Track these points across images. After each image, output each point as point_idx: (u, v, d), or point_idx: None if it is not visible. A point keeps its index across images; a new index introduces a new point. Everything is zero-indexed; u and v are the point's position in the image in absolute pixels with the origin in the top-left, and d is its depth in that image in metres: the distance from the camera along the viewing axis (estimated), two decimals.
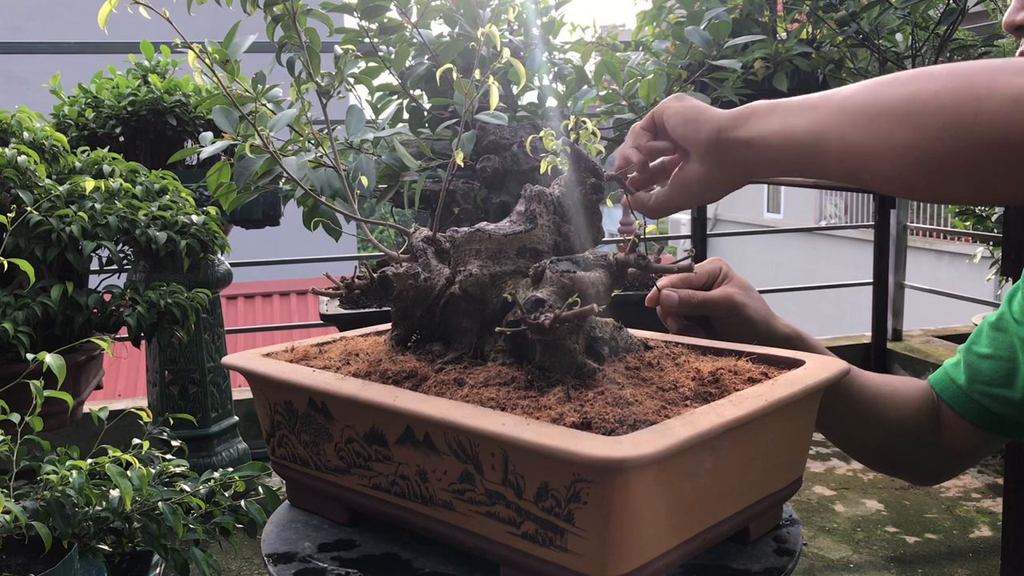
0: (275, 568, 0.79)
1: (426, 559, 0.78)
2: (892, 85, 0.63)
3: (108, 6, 0.86)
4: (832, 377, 0.78)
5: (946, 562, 2.32)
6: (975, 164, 0.58)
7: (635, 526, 0.63)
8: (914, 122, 0.61)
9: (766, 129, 0.71)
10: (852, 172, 0.66)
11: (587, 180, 0.83)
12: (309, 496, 0.89)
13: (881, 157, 0.63)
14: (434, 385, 0.76)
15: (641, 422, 0.66)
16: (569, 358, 0.74)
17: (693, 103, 0.79)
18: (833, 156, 0.66)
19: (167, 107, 2.18)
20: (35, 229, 1.54)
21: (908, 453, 1.00)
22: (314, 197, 0.90)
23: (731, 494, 0.73)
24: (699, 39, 1.69)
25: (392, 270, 0.82)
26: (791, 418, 0.77)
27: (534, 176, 1.48)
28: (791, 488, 0.82)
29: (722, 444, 0.68)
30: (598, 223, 0.84)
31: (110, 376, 5.95)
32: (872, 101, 0.63)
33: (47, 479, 1.31)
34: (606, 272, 0.78)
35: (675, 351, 0.86)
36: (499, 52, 0.86)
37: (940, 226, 7.75)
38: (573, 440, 0.61)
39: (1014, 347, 0.97)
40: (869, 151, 0.63)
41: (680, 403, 0.71)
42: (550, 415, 0.67)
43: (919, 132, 0.60)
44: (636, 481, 0.62)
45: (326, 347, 0.93)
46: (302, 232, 1.46)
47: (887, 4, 2.15)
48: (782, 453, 0.78)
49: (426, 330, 0.85)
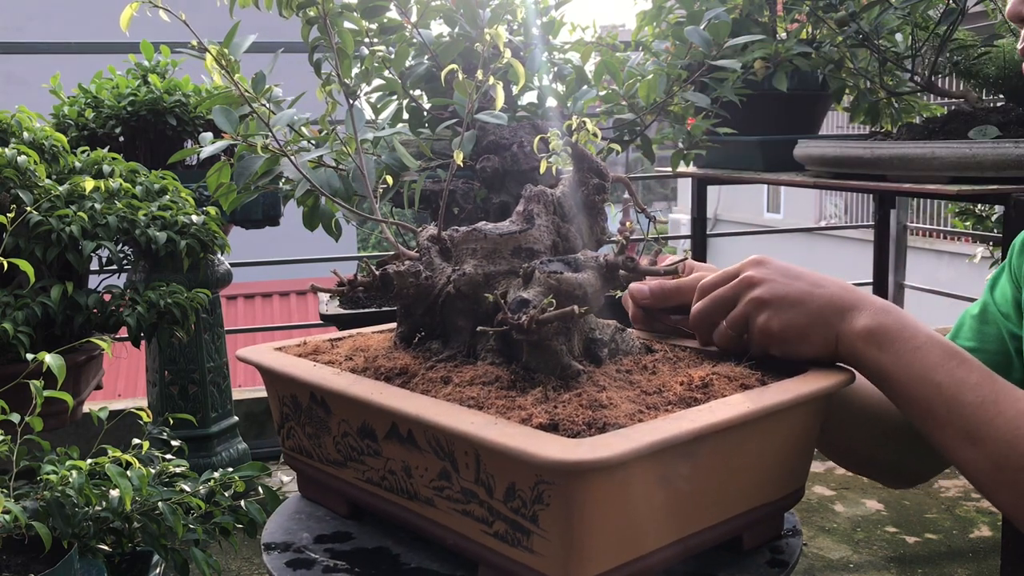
0: (268, 556, 0.81)
1: (415, 554, 0.79)
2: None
3: (130, 10, 0.88)
4: (830, 387, 0.76)
5: (946, 562, 2.32)
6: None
7: (600, 530, 0.62)
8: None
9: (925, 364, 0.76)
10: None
11: (590, 180, 0.83)
12: (314, 487, 0.91)
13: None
14: (421, 382, 0.77)
15: (610, 425, 0.65)
16: (554, 359, 0.74)
17: (791, 317, 0.79)
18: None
19: (167, 107, 2.18)
20: (35, 229, 1.54)
21: (894, 456, 0.97)
22: (336, 201, 0.90)
23: (716, 502, 0.72)
24: (699, 39, 1.69)
25: (393, 268, 0.82)
26: (786, 426, 0.75)
27: (534, 176, 1.48)
28: (791, 498, 0.80)
29: (699, 451, 0.67)
30: (602, 224, 0.84)
31: (110, 376, 5.94)
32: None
33: (47, 479, 1.31)
34: (595, 273, 0.77)
35: (678, 355, 0.85)
36: (500, 52, 0.86)
37: (940, 226, 7.74)
38: (533, 441, 0.61)
39: (1002, 339, 0.96)
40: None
41: (662, 407, 0.70)
42: (520, 415, 0.67)
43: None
44: (598, 484, 0.61)
45: (338, 343, 0.94)
46: (302, 232, 1.45)
47: (887, 4, 2.15)
48: (777, 462, 0.76)
49: (428, 328, 0.86)
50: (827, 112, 2.55)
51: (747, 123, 2.20)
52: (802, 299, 0.79)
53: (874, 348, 0.77)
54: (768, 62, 2.15)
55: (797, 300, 0.79)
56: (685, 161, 1.94)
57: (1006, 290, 0.97)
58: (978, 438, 0.74)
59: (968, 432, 0.74)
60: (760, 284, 0.80)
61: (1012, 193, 1.62)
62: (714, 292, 0.83)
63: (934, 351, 0.76)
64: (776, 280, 0.80)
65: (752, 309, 0.80)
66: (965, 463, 0.76)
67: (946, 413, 0.75)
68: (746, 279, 0.81)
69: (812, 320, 0.78)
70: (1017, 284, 0.96)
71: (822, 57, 2.25)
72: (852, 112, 2.44)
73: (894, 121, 2.41)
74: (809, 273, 0.82)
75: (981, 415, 0.73)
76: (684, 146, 1.87)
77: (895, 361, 0.76)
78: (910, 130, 2.01)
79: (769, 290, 0.79)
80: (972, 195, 1.72)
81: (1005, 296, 0.97)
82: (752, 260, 0.83)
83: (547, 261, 0.78)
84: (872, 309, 0.78)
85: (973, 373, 0.75)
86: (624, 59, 1.92)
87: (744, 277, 0.81)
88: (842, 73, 2.33)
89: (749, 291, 0.80)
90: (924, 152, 1.78)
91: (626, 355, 0.83)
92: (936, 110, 2.45)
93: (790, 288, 0.79)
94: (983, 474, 0.75)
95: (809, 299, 0.79)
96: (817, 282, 0.81)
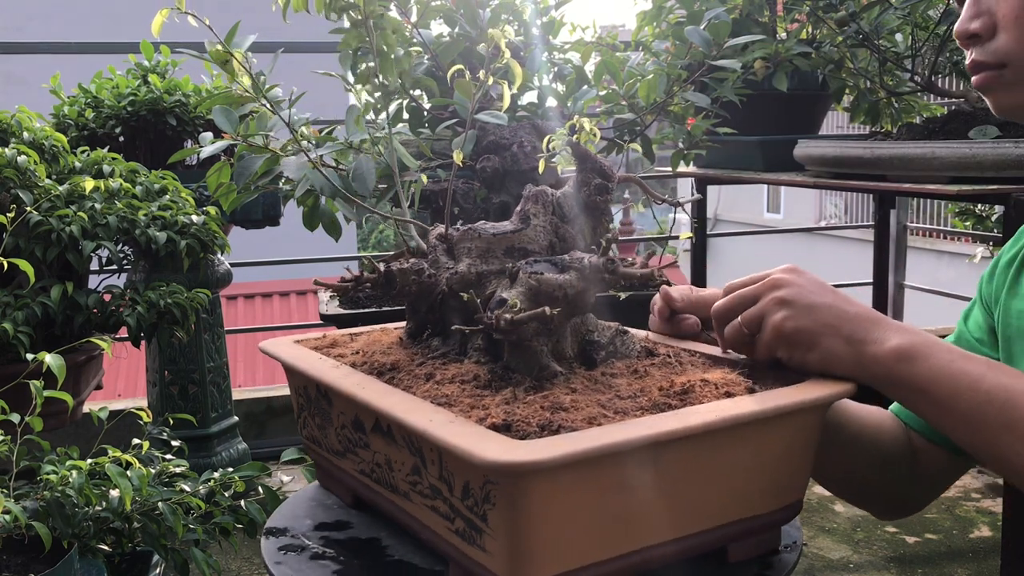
0: (265, 541, 0.83)
1: (402, 547, 0.80)
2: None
3: (160, 17, 0.89)
4: (822, 398, 0.73)
5: (946, 562, 2.32)
6: None
7: (546, 533, 0.62)
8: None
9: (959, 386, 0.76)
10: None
11: (592, 181, 0.83)
12: (324, 476, 0.94)
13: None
14: (406, 378, 0.78)
15: (564, 428, 0.64)
16: (533, 359, 0.74)
17: (822, 347, 0.78)
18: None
19: (167, 107, 2.18)
20: (35, 229, 1.54)
21: (890, 482, 0.97)
22: (364, 206, 0.90)
23: (692, 512, 0.70)
24: (699, 39, 1.69)
25: (397, 266, 0.83)
26: (775, 437, 0.73)
27: (534, 176, 1.48)
28: (785, 512, 0.77)
29: (661, 457, 0.65)
30: (606, 224, 0.83)
31: (110, 376, 5.94)
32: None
33: (47, 479, 1.31)
34: (578, 275, 0.76)
35: (680, 360, 0.83)
36: (500, 52, 0.86)
37: (940, 226, 7.74)
38: (477, 441, 0.61)
39: None
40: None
41: (631, 412, 0.68)
42: (480, 415, 0.67)
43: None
44: (542, 487, 0.60)
45: (356, 337, 0.96)
46: (302, 232, 1.45)
47: (887, 4, 2.15)
48: (765, 473, 0.73)
49: (432, 325, 0.87)
50: (827, 112, 2.55)
51: (747, 123, 2.20)
52: (824, 309, 0.78)
53: (908, 365, 0.76)
54: (768, 62, 2.15)
55: (818, 309, 0.78)
56: (685, 161, 1.94)
57: (979, 318, 0.98)
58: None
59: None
60: (785, 287, 0.80)
61: (1012, 193, 1.62)
62: (739, 291, 0.83)
63: (972, 362, 0.76)
64: (803, 287, 0.80)
65: (770, 307, 0.79)
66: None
67: (1003, 420, 0.73)
68: (773, 280, 0.81)
69: (825, 330, 0.78)
70: (988, 311, 0.96)
71: (822, 57, 2.25)
72: (852, 112, 2.44)
73: (894, 121, 2.41)
74: (841, 293, 0.81)
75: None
76: (684, 146, 1.87)
77: (935, 376, 0.76)
78: (910, 130, 2.01)
79: (793, 293, 0.79)
80: (972, 195, 1.72)
81: (978, 324, 0.98)
82: (785, 267, 0.83)
83: (533, 262, 0.78)
84: (898, 329, 0.78)
85: (1017, 378, 0.75)
86: (624, 59, 1.92)
87: (772, 279, 0.81)
88: (842, 73, 2.33)
89: (773, 291, 0.80)
90: (924, 152, 1.78)
91: (624, 358, 0.82)
92: (936, 110, 2.45)
93: (815, 297, 0.79)
94: None
95: (830, 311, 0.78)
96: (845, 299, 0.80)
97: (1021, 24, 0.83)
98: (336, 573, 0.77)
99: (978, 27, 0.86)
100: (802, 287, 0.80)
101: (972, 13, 0.87)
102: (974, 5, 0.87)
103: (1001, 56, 0.85)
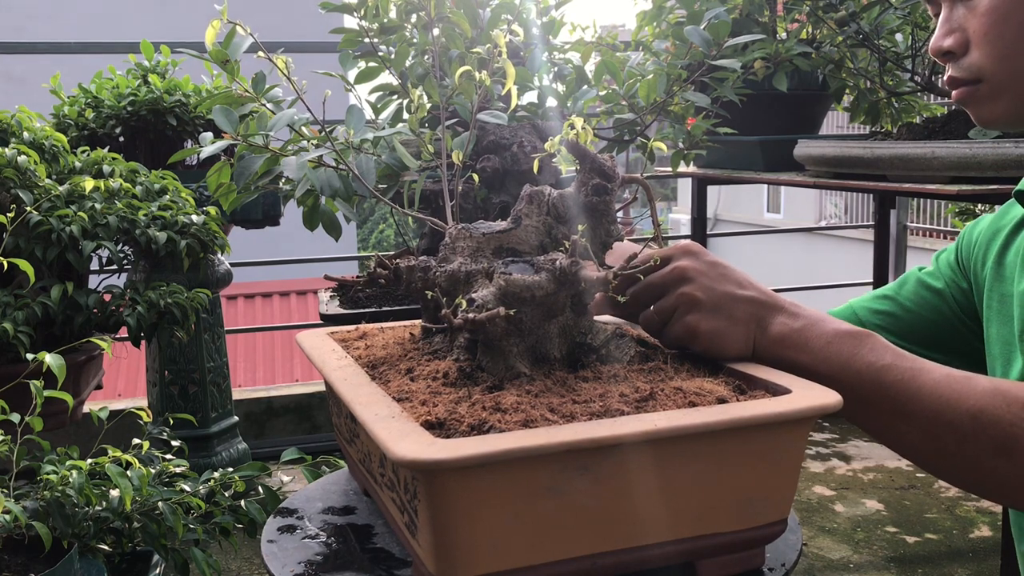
0: (272, 520, 0.87)
1: (389, 536, 0.82)
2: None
3: (212, 30, 0.90)
4: (794, 412, 0.67)
5: (946, 562, 2.32)
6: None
7: (472, 531, 0.62)
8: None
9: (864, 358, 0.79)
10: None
11: (590, 181, 0.82)
12: (348, 462, 0.97)
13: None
14: (388, 372, 0.80)
15: (495, 429, 0.64)
16: (501, 360, 0.75)
17: (720, 325, 0.81)
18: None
19: (167, 107, 2.18)
20: (35, 229, 1.54)
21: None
22: (391, 206, 0.90)
23: (641, 522, 0.67)
24: (699, 39, 1.69)
25: (404, 263, 0.84)
26: (742, 450, 0.69)
27: (534, 176, 1.48)
28: (764, 530, 0.72)
29: (594, 465, 0.64)
30: (607, 225, 0.82)
31: (110, 376, 5.95)
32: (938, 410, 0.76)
33: (47, 479, 1.31)
34: (549, 277, 0.75)
35: (675, 366, 0.80)
36: (501, 52, 0.86)
37: (940, 226, 7.75)
38: (398, 438, 0.61)
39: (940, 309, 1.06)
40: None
41: (580, 417, 0.67)
42: (425, 411, 0.67)
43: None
44: (459, 485, 0.60)
45: (385, 330, 0.98)
46: (302, 232, 1.46)
47: (887, 4, 2.15)
48: (733, 488, 0.70)
49: (438, 322, 0.88)
50: (827, 112, 2.55)
51: (747, 123, 2.20)
52: (728, 303, 0.81)
53: (791, 351, 0.80)
54: (768, 62, 2.15)
55: (724, 304, 0.81)
56: (685, 161, 1.94)
57: (949, 255, 1.07)
58: (906, 413, 0.76)
59: (896, 410, 0.77)
60: (691, 280, 0.82)
61: (1012, 193, 1.62)
62: (647, 280, 0.84)
63: (845, 342, 0.79)
64: (707, 276, 0.82)
65: (682, 305, 0.82)
66: (901, 441, 0.79)
67: (873, 397, 0.77)
68: (678, 270, 0.82)
69: (734, 325, 0.81)
70: (958, 248, 1.06)
71: (822, 57, 2.25)
72: (852, 112, 2.44)
73: (894, 121, 2.41)
74: (733, 270, 0.84)
75: (903, 391, 0.76)
76: (684, 146, 1.87)
77: (812, 360, 0.79)
78: (910, 130, 2.01)
79: (700, 288, 0.81)
80: (972, 195, 1.72)
81: (948, 261, 1.07)
82: (682, 248, 0.84)
83: (510, 262, 0.78)
84: (784, 314, 0.82)
85: (886, 354, 0.78)
86: (624, 59, 1.93)
87: (676, 268, 0.83)
88: (842, 73, 2.33)
89: (681, 284, 0.82)
90: (924, 152, 1.78)
91: (615, 362, 0.80)
92: (936, 110, 2.45)
93: (718, 290, 0.82)
94: (919, 448, 0.78)
95: (733, 304, 0.81)
96: (740, 282, 0.83)
97: (992, 40, 0.85)
98: (317, 555, 0.79)
99: (951, 44, 0.89)
100: (706, 277, 0.82)
101: (945, 30, 0.90)
102: (947, 22, 0.89)
103: (976, 72, 0.88)
